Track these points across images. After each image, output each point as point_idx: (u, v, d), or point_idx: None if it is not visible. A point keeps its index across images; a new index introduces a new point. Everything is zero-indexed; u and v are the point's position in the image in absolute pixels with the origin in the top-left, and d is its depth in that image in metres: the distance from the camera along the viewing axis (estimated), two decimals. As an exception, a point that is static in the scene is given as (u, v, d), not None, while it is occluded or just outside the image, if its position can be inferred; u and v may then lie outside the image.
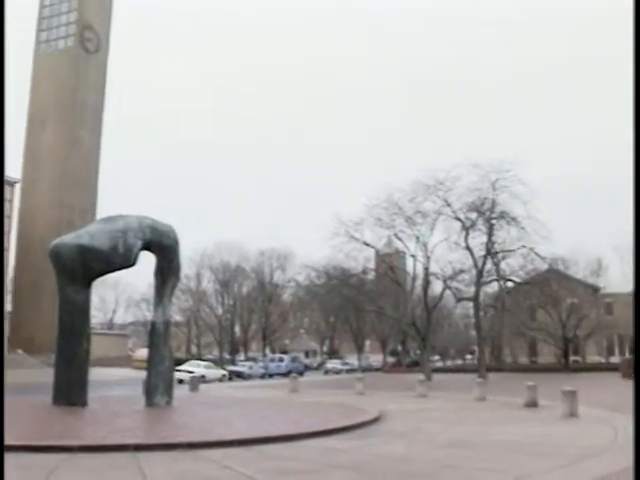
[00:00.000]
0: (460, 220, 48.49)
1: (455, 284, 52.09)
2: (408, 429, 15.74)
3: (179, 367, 42.17)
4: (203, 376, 42.88)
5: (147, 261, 22.25)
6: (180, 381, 38.61)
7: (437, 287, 55.64)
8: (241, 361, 70.61)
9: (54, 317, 20.44)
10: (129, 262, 20.38)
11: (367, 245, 50.56)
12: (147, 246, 21.01)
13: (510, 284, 55.23)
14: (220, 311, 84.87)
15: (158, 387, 20.90)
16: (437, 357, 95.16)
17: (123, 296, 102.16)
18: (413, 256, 50.87)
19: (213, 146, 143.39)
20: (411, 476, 9.82)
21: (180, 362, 47.25)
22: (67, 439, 12.53)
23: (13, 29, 60.67)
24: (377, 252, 54.77)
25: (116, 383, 40.10)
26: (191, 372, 41.19)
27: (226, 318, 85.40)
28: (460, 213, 48.26)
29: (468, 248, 48.77)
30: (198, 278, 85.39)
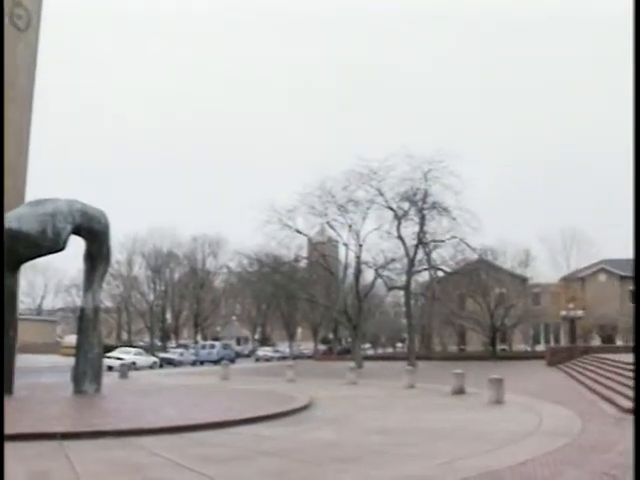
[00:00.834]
0: (392, 209, 49.04)
1: (387, 273, 52.64)
2: (338, 416, 15.94)
3: (109, 354, 41.71)
4: (133, 363, 42.52)
5: (77, 245, 21.89)
6: (110, 368, 38.18)
7: (369, 276, 56.23)
8: (172, 348, 70.10)
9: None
10: (58, 246, 20.06)
11: (300, 233, 50.63)
12: (77, 230, 20.72)
13: (440, 273, 56.27)
14: (151, 297, 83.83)
15: (87, 374, 20.71)
16: (368, 345, 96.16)
17: (52, 281, 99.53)
18: (345, 244, 51.24)
19: (147, 129, 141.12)
20: (339, 461, 9.96)
21: (110, 349, 46.67)
22: (-9, 427, 12.25)
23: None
24: (310, 240, 54.87)
25: (44, 370, 39.29)
26: (121, 359, 40.80)
27: (157, 304, 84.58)
28: (393, 202, 48.81)
29: (400, 237, 49.37)
30: (129, 264, 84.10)
